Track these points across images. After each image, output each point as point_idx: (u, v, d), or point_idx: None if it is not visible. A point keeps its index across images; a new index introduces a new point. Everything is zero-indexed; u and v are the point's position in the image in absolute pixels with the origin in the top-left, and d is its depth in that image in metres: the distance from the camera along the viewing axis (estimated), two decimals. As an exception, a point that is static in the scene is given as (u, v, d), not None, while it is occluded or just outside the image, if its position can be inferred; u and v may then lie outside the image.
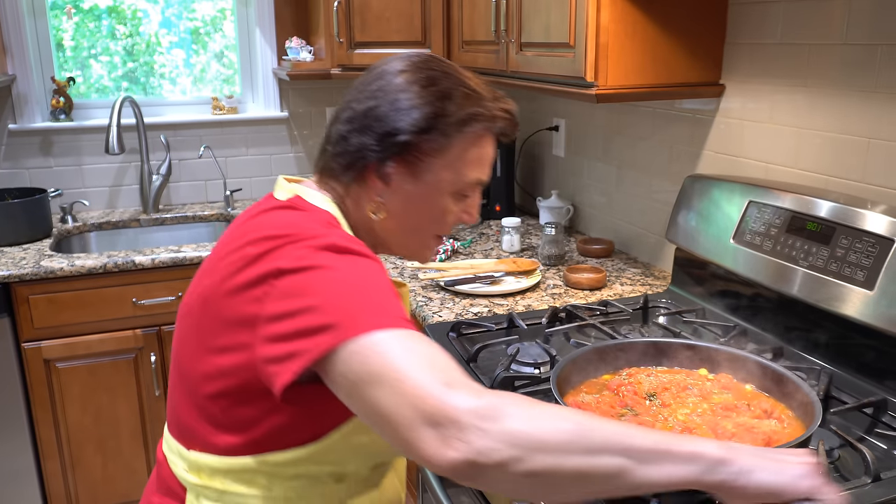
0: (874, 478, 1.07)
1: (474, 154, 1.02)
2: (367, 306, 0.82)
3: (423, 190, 1.02)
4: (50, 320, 2.28)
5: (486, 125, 1.01)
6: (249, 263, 0.89)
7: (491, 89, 1.05)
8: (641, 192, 2.20)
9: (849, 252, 1.35)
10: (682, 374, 1.24)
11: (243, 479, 0.95)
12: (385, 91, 0.99)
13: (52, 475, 2.38)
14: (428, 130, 0.98)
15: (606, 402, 1.16)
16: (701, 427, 1.09)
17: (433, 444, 0.72)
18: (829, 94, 1.55)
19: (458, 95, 0.99)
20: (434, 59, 1.04)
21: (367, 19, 2.52)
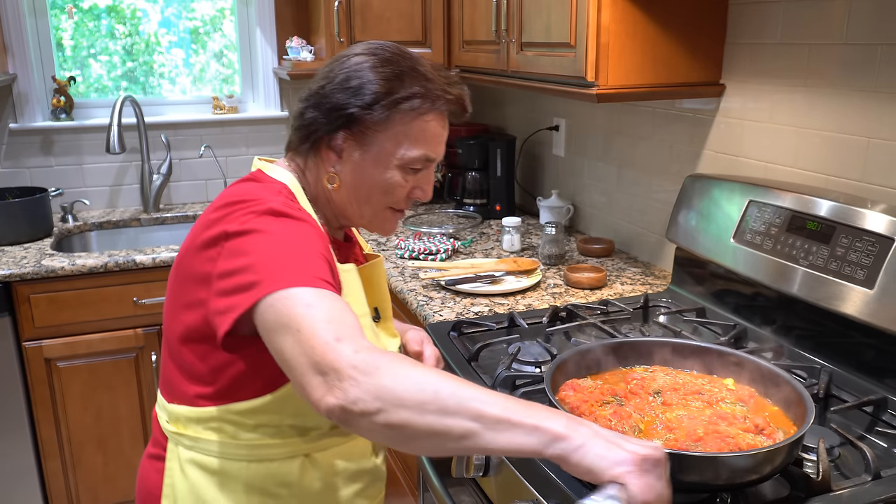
0: (874, 476, 1.08)
1: (418, 129, 1.11)
2: (289, 266, 0.93)
3: (370, 161, 1.11)
4: (51, 319, 2.28)
5: (430, 104, 1.10)
6: (208, 227, 1.02)
7: (444, 75, 1.14)
8: (641, 192, 2.20)
9: (849, 251, 1.35)
10: (703, 380, 1.24)
11: (212, 427, 1.07)
12: (337, 72, 1.11)
13: (53, 474, 2.39)
14: (372, 105, 1.08)
15: (600, 389, 1.18)
16: (680, 428, 1.08)
17: (318, 390, 0.83)
18: (829, 93, 1.55)
19: (405, 76, 1.09)
20: (392, 46, 1.14)
21: (368, 19, 2.52)
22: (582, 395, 1.16)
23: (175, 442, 1.12)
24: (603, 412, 1.12)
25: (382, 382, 0.81)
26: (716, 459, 0.98)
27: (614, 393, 1.18)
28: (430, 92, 1.10)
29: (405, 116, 1.10)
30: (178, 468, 1.11)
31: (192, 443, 1.09)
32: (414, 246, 2.28)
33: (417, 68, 1.11)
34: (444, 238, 2.37)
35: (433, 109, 1.11)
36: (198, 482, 1.10)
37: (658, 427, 1.10)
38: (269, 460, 1.09)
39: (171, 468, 1.12)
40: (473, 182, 2.77)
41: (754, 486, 1.05)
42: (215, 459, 1.09)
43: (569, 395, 1.16)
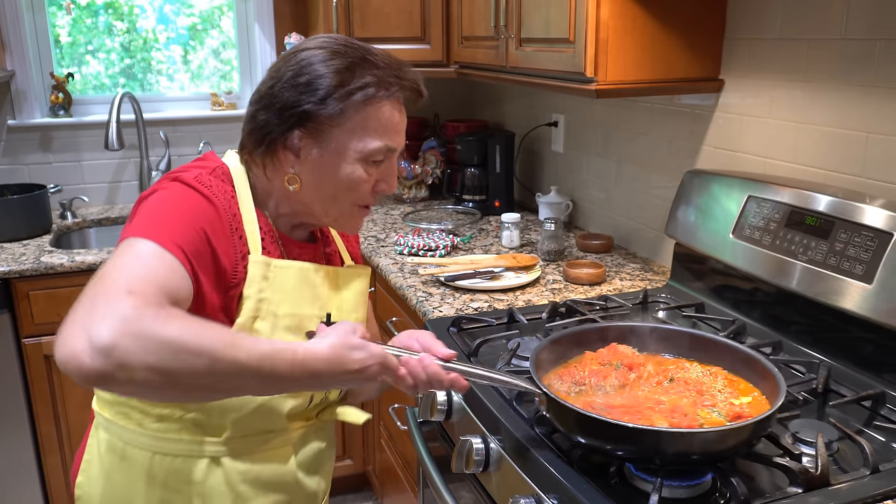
0: (873, 470, 1.08)
1: (374, 119, 1.09)
2: (153, 222, 0.96)
3: (330, 158, 1.09)
4: (50, 316, 2.28)
5: (384, 91, 1.08)
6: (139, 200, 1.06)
7: (395, 62, 1.12)
8: (640, 188, 2.20)
9: (847, 246, 1.35)
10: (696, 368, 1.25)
11: (121, 412, 1.11)
12: (285, 70, 1.08)
13: (53, 470, 2.39)
14: (324, 100, 1.05)
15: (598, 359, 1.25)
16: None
17: (81, 334, 0.81)
18: (827, 88, 1.55)
19: (356, 66, 1.07)
20: (340, 38, 1.12)
21: (367, 14, 2.52)
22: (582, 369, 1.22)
23: (97, 421, 1.16)
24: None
25: (154, 331, 0.80)
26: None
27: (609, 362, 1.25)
28: (382, 80, 1.08)
29: (360, 107, 1.07)
30: (95, 445, 1.15)
31: (107, 424, 1.13)
32: (413, 242, 2.28)
33: (368, 58, 1.09)
34: (444, 234, 2.37)
35: (388, 97, 1.09)
36: (108, 463, 1.13)
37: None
38: (173, 455, 1.10)
39: (90, 444, 1.17)
40: (472, 178, 2.77)
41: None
42: (123, 444, 1.11)
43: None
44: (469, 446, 1.26)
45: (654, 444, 1.01)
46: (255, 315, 1.07)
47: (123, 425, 1.11)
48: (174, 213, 0.99)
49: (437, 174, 2.97)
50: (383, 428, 2.35)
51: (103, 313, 0.80)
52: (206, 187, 1.05)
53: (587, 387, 1.19)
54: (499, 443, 1.24)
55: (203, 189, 1.04)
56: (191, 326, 0.84)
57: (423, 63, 2.53)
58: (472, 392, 1.38)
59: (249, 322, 1.07)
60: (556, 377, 1.22)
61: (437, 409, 1.45)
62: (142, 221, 0.96)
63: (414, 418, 1.60)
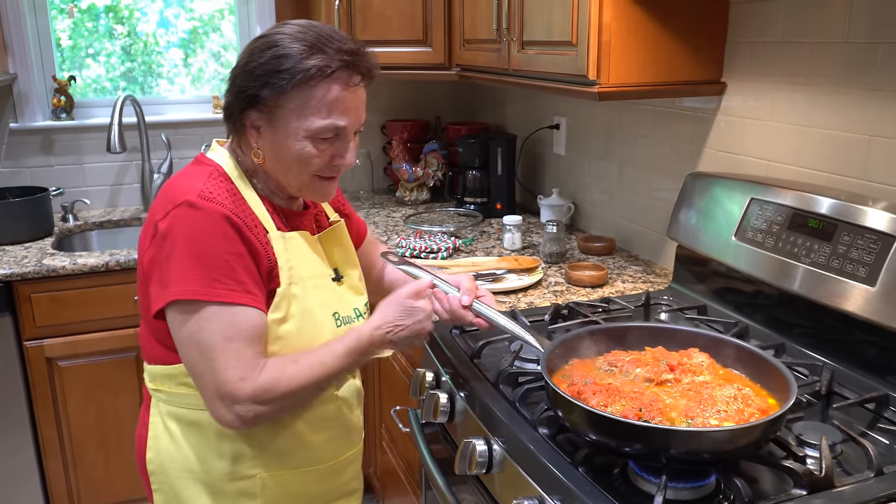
0: (877, 472, 1.08)
1: (316, 100, 1.15)
2: (199, 275, 1.10)
3: (281, 135, 1.18)
4: (52, 318, 2.28)
5: (320, 74, 1.14)
6: (152, 214, 1.17)
7: (339, 38, 1.18)
8: (642, 190, 2.21)
9: (850, 249, 1.36)
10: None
11: (183, 382, 1.21)
12: (242, 57, 1.19)
13: (54, 473, 2.39)
14: (267, 85, 1.14)
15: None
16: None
17: (221, 411, 1.14)
18: (830, 91, 1.55)
19: (296, 52, 1.14)
20: (294, 24, 1.19)
21: (369, 18, 2.52)
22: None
23: (156, 398, 1.27)
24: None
25: (272, 397, 1.14)
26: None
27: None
28: (325, 62, 1.14)
29: (301, 89, 1.14)
30: (159, 421, 1.26)
31: (168, 397, 1.24)
32: (415, 244, 2.28)
33: (317, 43, 1.15)
34: (445, 236, 2.37)
35: (329, 78, 1.15)
36: (175, 431, 1.24)
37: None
38: None
39: (154, 422, 1.27)
40: (474, 180, 2.77)
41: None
42: (188, 410, 1.23)
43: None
44: (472, 448, 1.26)
45: (661, 442, 1.01)
46: (290, 282, 1.21)
47: (187, 393, 1.21)
48: (207, 252, 1.11)
49: (438, 177, 2.97)
50: (385, 430, 2.34)
51: (231, 403, 1.12)
52: (213, 202, 1.14)
53: (617, 370, 1.23)
54: (502, 444, 1.24)
55: (212, 205, 1.13)
56: (292, 375, 1.15)
57: (424, 66, 2.54)
58: (475, 395, 1.38)
59: (288, 289, 1.20)
60: (609, 356, 1.28)
61: (440, 411, 1.45)
62: (186, 276, 1.10)
63: (416, 420, 1.60)
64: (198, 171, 1.21)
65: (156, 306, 1.13)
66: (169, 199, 1.15)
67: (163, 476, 1.27)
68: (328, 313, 1.26)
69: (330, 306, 1.27)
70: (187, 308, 1.11)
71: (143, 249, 1.17)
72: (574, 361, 1.29)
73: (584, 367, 1.27)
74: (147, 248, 1.15)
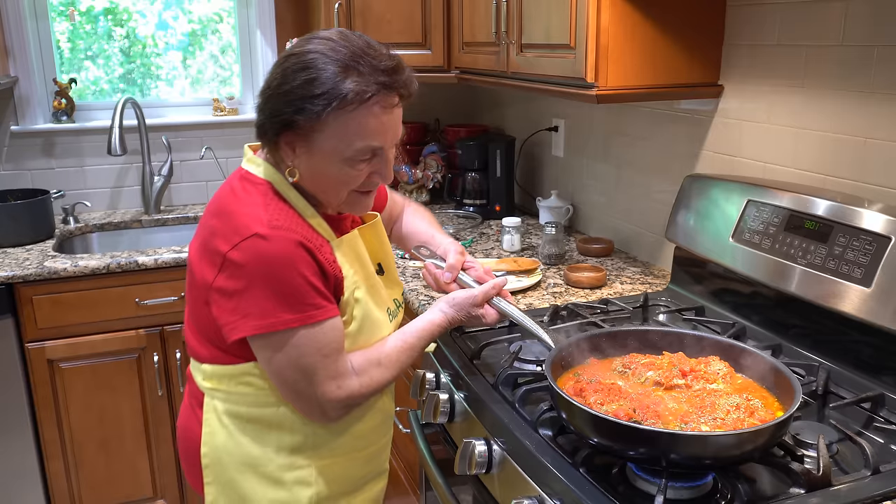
0: (874, 471, 1.09)
1: (354, 125, 1.14)
2: (284, 303, 1.15)
3: (318, 158, 1.17)
4: (53, 320, 2.29)
5: (358, 100, 1.12)
6: (211, 234, 1.18)
7: (386, 63, 1.14)
8: (640, 192, 2.22)
9: (846, 250, 1.37)
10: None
11: (243, 381, 1.25)
12: (273, 76, 1.16)
13: (56, 475, 2.40)
14: (302, 111, 1.12)
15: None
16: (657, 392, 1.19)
17: (316, 416, 1.26)
18: (826, 94, 1.57)
19: (331, 77, 1.11)
20: (331, 40, 1.15)
21: (368, 21, 2.54)
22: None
23: (211, 396, 1.30)
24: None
25: (361, 398, 1.27)
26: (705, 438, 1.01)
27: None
28: (358, 87, 1.11)
29: (337, 115, 1.12)
30: (215, 419, 1.30)
31: (226, 395, 1.28)
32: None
33: (351, 63, 1.12)
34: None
35: (365, 102, 1.13)
36: (233, 428, 1.29)
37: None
38: None
39: (208, 419, 1.30)
40: (473, 182, 2.78)
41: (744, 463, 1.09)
42: (248, 408, 1.28)
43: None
44: (472, 448, 1.27)
45: (666, 446, 1.01)
46: (355, 287, 1.27)
47: (247, 392, 1.26)
48: (287, 281, 1.14)
49: (437, 178, 2.99)
50: (385, 431, 2.35)
51: (329, 409, 1.24)
52: (282, 230, 1.15)
53: (630, 371, 1.25)
54: (501, 445, 1.26)
55: (283, 233, 1.15)
56: (377, 377, 1.27)
57: (424, 68, 2.55)
58: (475, 395, 1.39)
59: (352, 295, 1.26)
60: (625, 358, 1.30)
61: (440, 411, 1.46)
62: (271, 307, 1.14)
63: (416, 421, 1.61)
64: (253, 192, 1.20)
65: (236, 335, 1.17)
66: (234, 229, 1.15)
67: (219, 468, 1.31)
68: (383, 310, 1.35)
69: (383, 303, 1.35)
70: (281, 337, 1.16)
71: (207, 273, 1.18)
72: (591, 360, 1.30)
73: (601, 367, 1.28)
74: (215, 275, 1.16)
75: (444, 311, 1.36)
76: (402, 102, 1.19)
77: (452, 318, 1.36)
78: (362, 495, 1.41)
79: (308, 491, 1.31)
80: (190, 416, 1.37)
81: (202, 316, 1.23)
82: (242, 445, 1.29)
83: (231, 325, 1.17)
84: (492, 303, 1.38)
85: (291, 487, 1.30)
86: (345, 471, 1.36)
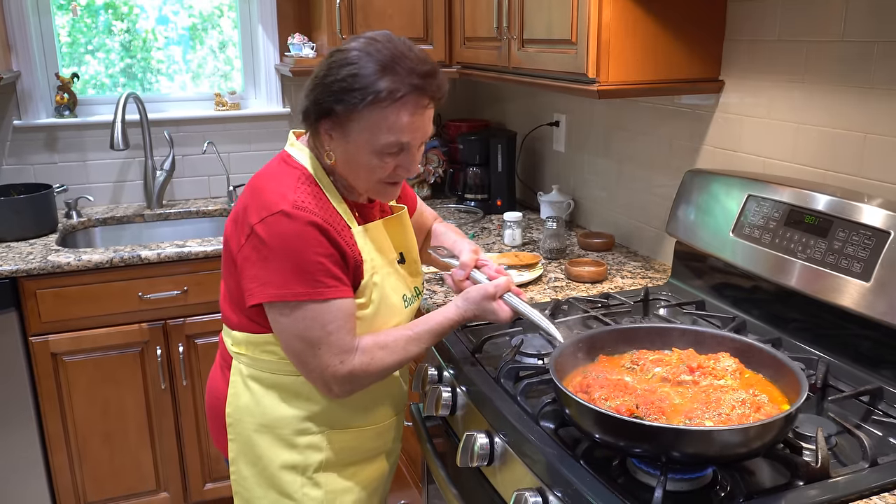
0: (871, 463, 1.10)
1: (385, 121, 1.23)
2: (299, 277, 1.24)
3: (351, 146, 1.27)
4: (57, 314, 2.31)
5: (390, 98, 1.21)
6: (244, 208, 1.29)
7: (421, 66, 1.23)
8: (641, 187, 2.23)
9: (846, 244, 1.38)
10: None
11: (266, 350, 1.36)
12: (322, 67, 1.27)
13: (60, 468, 2.41)
14: (341, 101, 1.22)
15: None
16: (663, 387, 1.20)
17: (323, 389, 1.33)
18: (826, 90, 1.57)
19: (376, 73, 1.21)
20: (376, 40, 1.25)
21: (370, 15, 2.54)
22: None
23: (238, 360, 1.41)
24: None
25: (364, 376, 1.33)
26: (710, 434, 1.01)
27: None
28: (392, 86, 1.21)
29: (371, 109, 1.22)
30: (240, 381, 1.41)
31: (250, 361, 1.39)
32: (416, 241, 2.29)
33: (390, 64, 1.22)
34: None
35: (397, 100, 1.22)
36: (255, 391, 1.40)
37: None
38: None
39: (234, 381, 1.42)
40: (475, 177, 2.79)
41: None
42: (269, 374, 1.38)
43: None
44: (474, 441, 1.28)
45: (666, 442, 1.02)
46: (373, 272, 1.35)
47: (269, 359, 1.37)
48: (304, 257, 1.24)
49: (439, 173, 2.99)
50: (387, 425, 2.36)
51: (332, 383, 1.31)
52: (304, 210, 1.25)
53: (638, 368, 1.26)
54: (503, 437, 1.27)
55: (304, 214, 1.24)
56: (381, 359, 1.32)
57: (425, 63, 2.55)
58: (477, 389, 1.40)
59: (371, 279, 1.34)
60: (635, 354, 1.31)
61: (442, 404, 1.47)
62: (287, 279, 1.24)
63: (419, 414, 1.62)
64: (287, 174, 1.31)
65: (253, 300, 1.28)
66: (264, 204, 1.26)
67: (240, 427, 1.42)
68: (399, 296, 1.41)
69: (400, 290, 1.42)
70: (291, 307, 1.26)
71: (237, 242, 1.30)
72: (601, 357, 1.30)
73: (610, 363, 1.28)
74: (242, 244, 1.28)
75: (457, 305, 1.40)
76: (432, 104, 1.28)
77: (465, 310, 1.39)
78: (370, 466, 1.49)
79: (318, 456, 1.40)
80: (218, 377, 1.48)
81: (233, 284, 1.34)
82: (263, 407, 1.39)
83: (250, 291, 1.28)
84: (503, 298, 1.40)
85: (304, 451, 1.40)
86: (356, 442, 1.45)
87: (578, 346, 1.29)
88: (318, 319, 1.26)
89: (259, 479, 1.43)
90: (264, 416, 1.40)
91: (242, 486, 1.46)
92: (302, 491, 1.41)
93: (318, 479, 1.41)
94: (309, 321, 1.26)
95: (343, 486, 1.44)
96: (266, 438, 1.40)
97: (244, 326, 1.37)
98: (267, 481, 1.42)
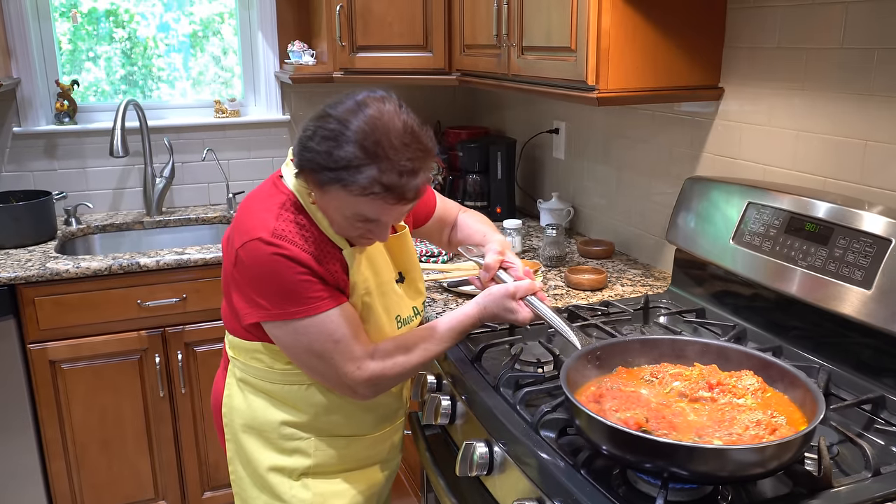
0: (874, 472, 1.10)
1: (354, 205, 1.22)
2: (289, 299, 1.26)
3: (325, 202, 1.27)
4: (55, 322, 2.30)
5: (361, 194, 1.19)
6: (234, 229, 1.32)
7: (404, 153, 1.18)
8: (641, 194, 2.22)
9: (847, 252, 1.37)
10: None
11: (255, 357, 1.39)
12: (310, 124, 1.23)
13: (57, 475, 2.40)
14: (316, 171, 1.21)
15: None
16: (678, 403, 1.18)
17: (347, 393, 1.36)
18: (826, 97, 1.57)
19: (349, 156, 1.17)
20: (367, 118, 1.18)
21: (370, 23, 2.54)
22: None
23: (233, 364, 1.46)
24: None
25: (386, 379, 1.35)
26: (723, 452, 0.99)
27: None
28: (365, 181, 1.17)
29: (341, 192, 1.20)
30: (234, 383, 1.46)
31: (243, 366, 1.43)
32: (416, 248, 2.29)
33: (371, 150, 1.17)
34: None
35: (367, 196, 1.19)
36: (247, 394, 1.44)
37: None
38: (299, 384, 1.40)
39: (229, 382, 1.48)
40: (474, 185, 2.79)
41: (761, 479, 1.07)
42: (257, 380, 1.42)
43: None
44: (473, 450, 1.27)
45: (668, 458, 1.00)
46: (365, 291, 1.36)
47: (257, 367, 1.40)
48: (284, 279, 1.25)
49: (438, 181, 2.99)
50: (386, 433, 2.36)
51: (353, 390, 1.33)
52: (283, 239, 1.24)
53: (657, 381, 1.24)
54: (502, 446, 1.26)
55: (282, 243, 1.24)
56: (402, 363, 1.34)
57: (425, 71, 2.55)
58: (476, 397, 1.39)
59: (360, 299, 1.35)
60: (655, 367, 1.29)
61: (441, 413, 1.46)
62: (274, 301, 1.26)
63: (417, 423, 1.61)
64: (273, 199, 1.31)
65: (248, 320, 1.32)
66: (246, 229, 1.28)
67: (233, 427, 1.46)
68: (392, 317, 1.42)
69: (395, 310, 1.43)
70: (291, 325, 1.27)
71: (228, 261, 1.32)
72: (619, 368, 1.29)
73: (629, 375, 1.27)
74: (232, 265, 1.30)
75: (478, 303, 1.40)
76: (406, 203, 1.24)
77: (486, 308, 1.39)
78: (362, 475, 1.50)
79: (306, 461, 1.43)
80: (221, 378, 1.53)
81: (229, 296, 1.37)
82: (253, 410, 1.43)
83: (244, 311, 1.31)
84: (526, 300, 1.40)
85: (291, 455, 1.43)
86: (344, 451, 1.46)
87: (595, 355, 1.27)
88: (321, 332, 1.27)
89: (252, 480, 1.47)
90: (254, 419, 1.43)
91: (240, 486, 1.50)
92: (291, 493, 1.43)
93: (307, 482, 1.44)
94: (313, 335, 1.27)
95: (333, 489, 1.46)
96: (255, 441, 1.44)
97: (236, 331, 1.40)
98: (259, 482, 1.45)
